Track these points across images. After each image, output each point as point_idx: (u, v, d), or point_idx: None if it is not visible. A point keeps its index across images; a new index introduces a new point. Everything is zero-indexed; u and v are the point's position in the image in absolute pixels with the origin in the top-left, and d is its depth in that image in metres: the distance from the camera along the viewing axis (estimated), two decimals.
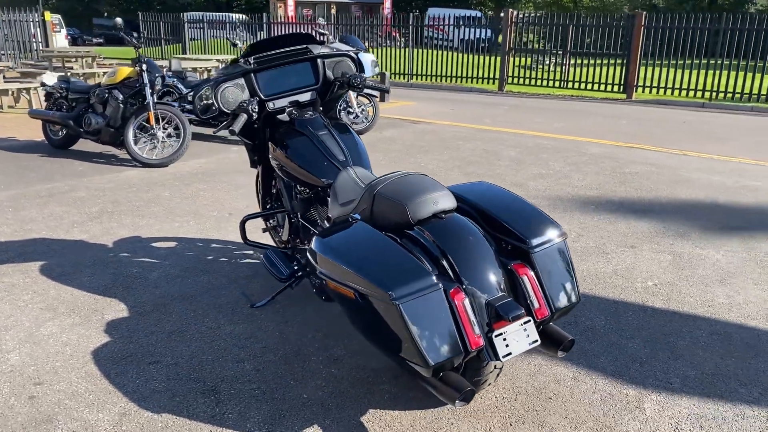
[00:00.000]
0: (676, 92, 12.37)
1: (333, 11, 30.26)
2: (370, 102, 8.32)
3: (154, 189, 5.44)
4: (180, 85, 7.57)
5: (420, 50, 15.58)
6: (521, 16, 14.37)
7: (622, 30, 12.78)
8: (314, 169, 2.91)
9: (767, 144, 8.13)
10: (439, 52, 15.35)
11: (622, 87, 12.85)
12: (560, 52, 13.97)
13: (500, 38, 15.23)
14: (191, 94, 7.50)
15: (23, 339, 2.89)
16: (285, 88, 3.22)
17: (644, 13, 12.43)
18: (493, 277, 2.19)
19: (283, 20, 18.03)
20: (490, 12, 31.60)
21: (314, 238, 2.36)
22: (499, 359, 2.10)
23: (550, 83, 13.95)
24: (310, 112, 3.18)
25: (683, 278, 3.74)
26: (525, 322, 2.14)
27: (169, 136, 6.33)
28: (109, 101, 6.30)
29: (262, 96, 3.15)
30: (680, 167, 6.69)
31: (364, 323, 2.15)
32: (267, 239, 4.15)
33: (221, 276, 3.63)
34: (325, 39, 8.37)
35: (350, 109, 8.20)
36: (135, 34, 6.17)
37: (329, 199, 2.85)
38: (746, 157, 7.26)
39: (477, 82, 14.67)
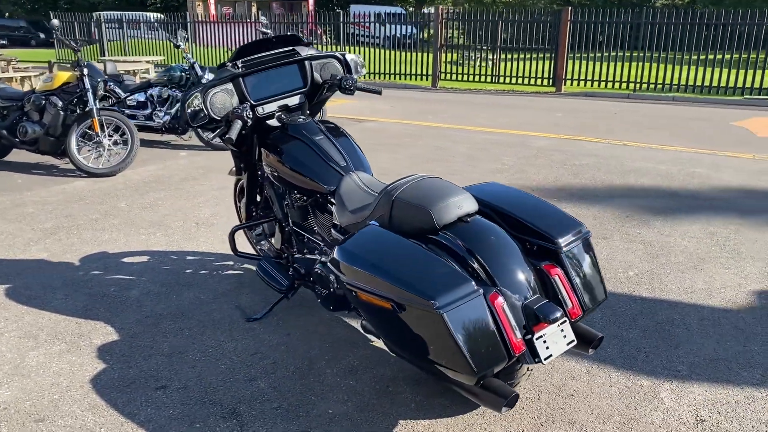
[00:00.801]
0: (603, 84, 12.86)
1: (254, 9, 29.72)
2: None
3: (107, 200, 5.15)
4: (117, 89, 7.20)
5: (349, 47, 15.51)
6: (452, 12, 14.55)
7: (550, 25, 13.16)
8: (316, 176, 2.82)
9: (695, 132, 8.57)
10: (369, 49, 15.32)
11: (551, 81, 13.24)
12: (489, 48, 14.23)
13: (424, 34, 15.40)
14: (130, 97, 7.17)
15: (9, 372, 2.66)
16: (274, 92, 3.11)
17: (569, 8, 12.84)
18: (526, 279, 2.19)
19: (205, 19, 17.45)
20: (410, 8, 31.85)
21: (337, 248, 2.29)
22: (541, 362, 2.10)
23: (482, 78, 14.21)
24: (302, 117, 3.09)
25: (660, 266, 3.88)
26: (561, 323, 2.14)
27: (115, 143, 6.01)
28: (47, 108, 5.91)
29: (251, 101, 3.03)
30: (625, 157, 6.95)
31: (400, 334, 2.10)
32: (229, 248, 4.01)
33: (206, 290, 3.47)
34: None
35: None
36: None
37: (334, 206, 2.78)
38: (681, 146, 7.62)
39: (410, 79, 14.75)
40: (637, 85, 12.56)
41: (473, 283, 2.02)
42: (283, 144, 2.96)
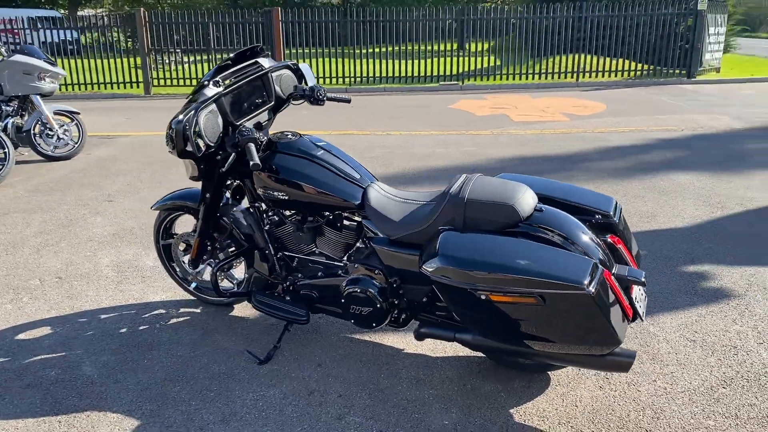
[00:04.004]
0: (328, 80, 13.56)
1: None
2: (73, 120, 7.11)
3: None
4: None
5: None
6: (157, 15, 13.66)
7: (263, 26, 13.33)
8: (338, 192, 2.69)
9: (427, 117, 9.67)
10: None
11: None
12: (202, 49, 13.83)
13: (84, 39, 14.37)
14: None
15: None
16: (247, 109, 2.83)
17: (279, 8, 13.19)
18: (603, 251, 2.48)
19: None
20: (63, 11, 28.65)
21: (440, 257, 2.29)
22: (642, 320, 2.43)
23: (198, 82, 13.74)
24: (290, 134, 2.87)
25: None
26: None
27: None
28: None
29: (233, 121, 2.72)
30: (403, 145, 7.57)
31: (539, 326, 2.23)
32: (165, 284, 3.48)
33: (175, 345, 2.98)
34: None
35: (50, 132, 6.89)
36: None
37: (370, 220, 2.68)
38: (431, 130, 8.56)
39: (118, 87, 13.47)
40: (353, 80, 13.56)
41: (595, 261, 2.25)
42: (284, 163, 2.73)
